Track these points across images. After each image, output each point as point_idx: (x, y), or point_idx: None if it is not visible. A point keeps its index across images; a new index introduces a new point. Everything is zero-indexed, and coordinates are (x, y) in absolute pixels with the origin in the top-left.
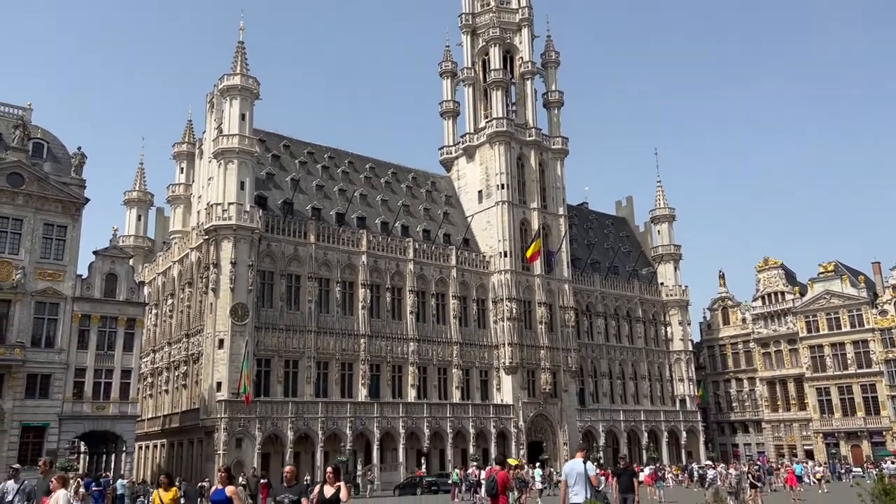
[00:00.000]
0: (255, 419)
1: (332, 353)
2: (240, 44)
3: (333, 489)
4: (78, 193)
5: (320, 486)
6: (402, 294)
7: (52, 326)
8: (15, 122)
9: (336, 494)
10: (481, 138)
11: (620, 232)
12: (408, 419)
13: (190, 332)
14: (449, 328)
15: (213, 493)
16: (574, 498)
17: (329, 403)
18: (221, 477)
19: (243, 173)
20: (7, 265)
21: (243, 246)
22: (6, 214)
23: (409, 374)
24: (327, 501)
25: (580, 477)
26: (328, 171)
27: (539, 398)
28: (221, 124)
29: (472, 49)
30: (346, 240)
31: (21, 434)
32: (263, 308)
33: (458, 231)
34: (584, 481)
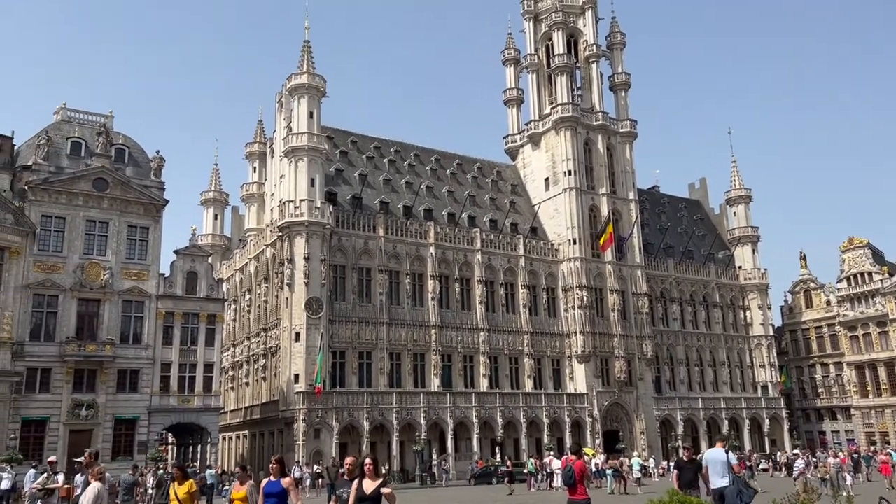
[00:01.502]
0: (332, 410)
1: (403, 344)
2: (306, 43)
3: (375, 484)
4: (158, 195)
5: (358, 480)
6: (471, 284)
7: (139, 324)
8: (98, 130)
9: (377, 491)
10: (546, 125)
11: (694, 215)
12: (481, 409)
13: (267, 326)
14: (519, 317)
15: (265, 485)
16: (719, 483)
17: (403, 394)
18: (274, 469)
19: (313, 170)
20: (96, 266)
21: (315, 241)
22: (93, 218)
23: (480, 364)
24: (367, 499)
25: (723, 465)
26: (395, 165)
27: (613, 387)
28: (291, 123)
29: (535, 35)
30: (414, 232)
31: (114, 426)
32: (336, 301)
33: (525, 220)
34: (727, 469)
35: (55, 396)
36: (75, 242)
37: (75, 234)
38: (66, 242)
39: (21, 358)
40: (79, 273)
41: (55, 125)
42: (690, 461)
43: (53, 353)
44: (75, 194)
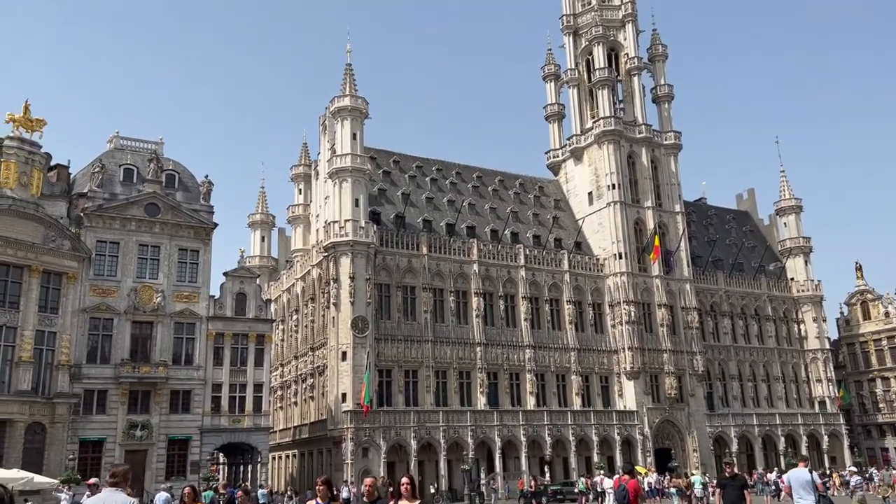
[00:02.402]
0: (379, 429)
1: (449, 362)
2: (348, 66)
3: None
4: (207, 219)
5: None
6: (516, 301)
7: (190, 345)
8: (149, 156)
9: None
10: (589, 139)
11: (743, 227)
12: (528, 427)
13: (315, 346)
14: (565, 334)
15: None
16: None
17: (449, 412)
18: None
19: (357, 191)
20: (149, 289)
21: (360, 260)
22: (145, 242)
23: (526, 382)
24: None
25: (808, 484)
26: (437, 184)
27: (664, 403)
28: (334, 145)
29: (575, 50)
30: (458, 249)
31: (168, 447)
32: (382, 320)
33: (569, 235)
34: (811, 488)
35: (111, 417)
36: (129, 266)
37: (129, 258)
38: (119, 267)
39: (78, 380)
40: (132, 296)
41: (109, 153)
42: (733, 478)
43: (109, 374)
44: (128, 220)
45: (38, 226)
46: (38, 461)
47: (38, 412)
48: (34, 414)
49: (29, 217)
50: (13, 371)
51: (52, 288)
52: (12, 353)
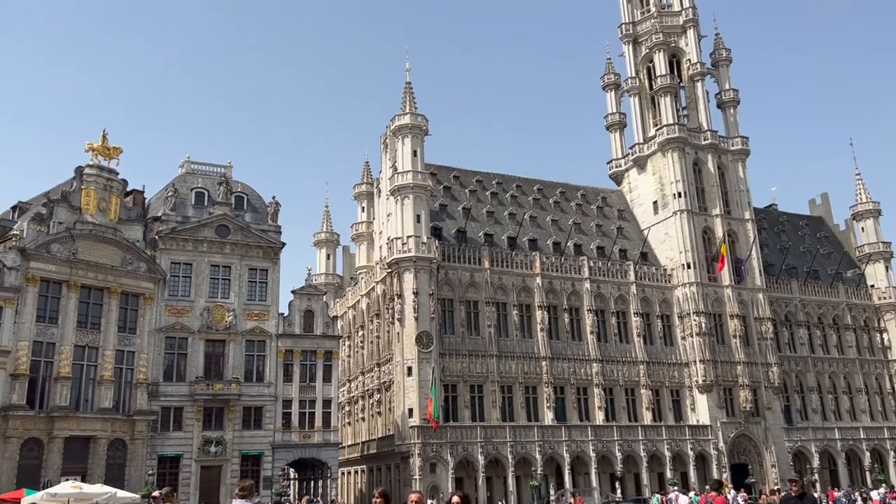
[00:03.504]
0: (446, 444)
1: (514, 376)
2: (407, 84)
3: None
4: (275, 239)
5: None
6: (581, 314)
7: (261, 362)
8: (219, 180)
9: None
10: (652, 147)
11: (817, 232)
12: (597, 442)
13: (380, 362)
14: (633, 347)
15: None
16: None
17: (516, 427)
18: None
19: (418, 207)
20: (221, 309)
21: (423, 276)
22: (217, 263)
23: (594, 396)
24: None
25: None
26: (497, 197)
27: (739, 417)
28: (395, 163)
29: (635, 58)
30: (520, 263)
31: (241, 462)
32: (446, 335)
33: (634, 245)
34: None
35: (187, 434)
36: (201, 287)
37: (201, 278)
38: (193, 287)
39: (156, 398)
40: (205, 315)
41: (181, 177)
42: (800, 497)
43: (184, 392)
44: (200, 241)
45: (116, 249)
46: (119, 476)
47: (119, 429)
48: (115, 431)
49: (108, 241)
50: (96, 389)
51: (130, 309)
52: (95, 373)
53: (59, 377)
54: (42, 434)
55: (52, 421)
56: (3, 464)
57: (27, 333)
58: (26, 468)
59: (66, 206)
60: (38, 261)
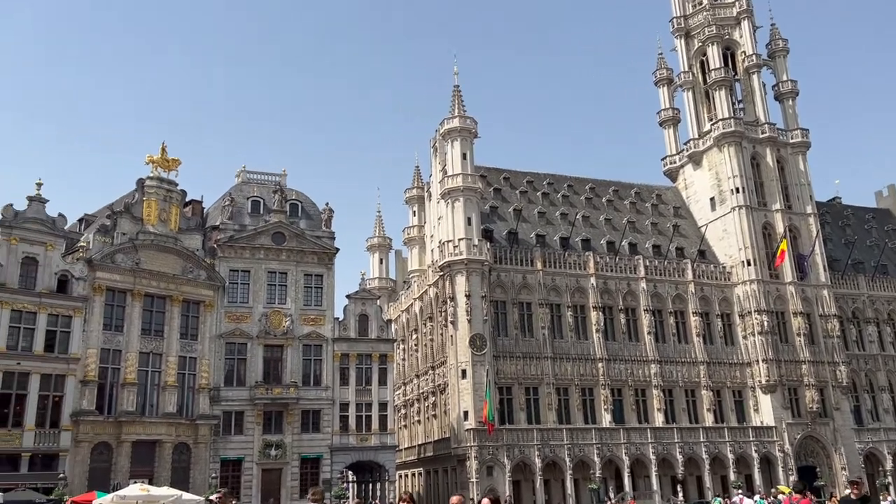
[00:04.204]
0: (502, 447)
1: (570, 378)
2: (455, 87)
3: None
4: (329, 245)
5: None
6: (637, 314)
7: (318, 366)
8: (274, 188)
9: None
10: (707, 142)
11: (885, 225)
12: (657, 445)
13: (435, 364)
14: (692, 347)
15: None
16: None
17: (573, 430)
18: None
19: (469, 209)
20: (278, 314)
21: (475, 278)
22: (273, 269)
23: (653, 398)
24: None
25: None
26: (548, 198)
27: (806, 418)
28: (445, 166)
29: (688, 52)
30: (573, 263)
31: (300, 465)
32: (499, 337)
33: (691, 243)
34: None
35: (248, 437)
36: (259, 293)
37: (259, 285)
38: (251, 293)
39: (217, 402)
40: (263, 321)
41: (237, 187)
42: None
43: (244, 396)
44: (257, 249)
45: (177, 258)
46: (184, 479)
47: (183, 433)
48: (180, 435)
49: (169, 250)
50: (160, 394)
51: (191, 316)
52: (159, 378)
53: (125, 383)
54: (111, 438)
55: (120, 425)
56: (76, 467)
57: (95, 341)
58: (97, 471)
59: (128, 218)
60: (103, 271)
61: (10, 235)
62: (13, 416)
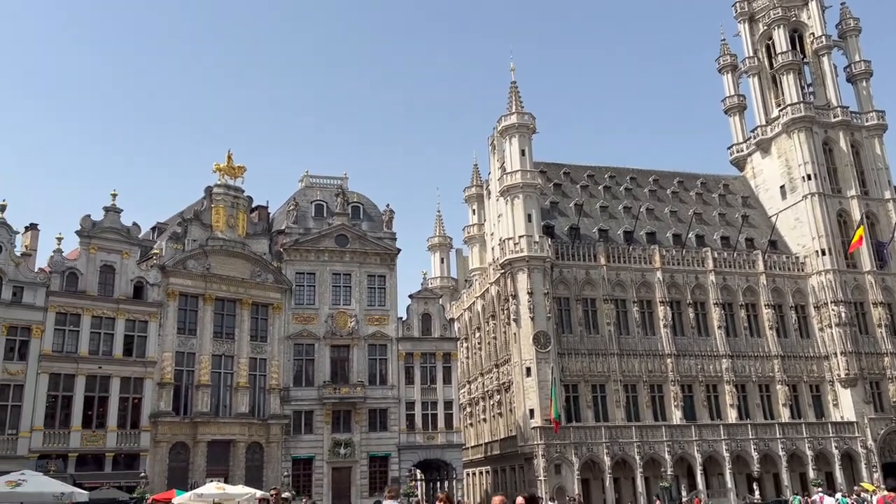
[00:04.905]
0: (570, 445)
1: (637, 375)
2: (512, 84)
3: None
4: (391, 245)
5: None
6: (706, 308)
7: (383, 365)
8: (336, 191)
9: None
10: (776, 129)
11: None
12: (731, 442)
13: (499, 363)
14: (765, 341)
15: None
16: None
17: (642, 427)
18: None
19: (529, 206)
20: (343, 315)
21: (537, 275)
22: (338, 271)
23: (725, 394)
24: None
25: None
26: (610, 191)
27: (890, 413)
28: (504, 163)
29: (752, 36)
30: (638, 258)
31: (369, 463)
32: (564, 334)
33: (761, 233)
34: None
35: (317, 436)
36: (325, 294)
37: (324, 287)
38: (317, 295)
39: (287, 402)
40: (329, 322)
41: (301, 191)
42: None
43: (313, 396)
44: (321, 251)
45: (245, 262)
46: (257, 478)
47: (256, 433)
48: (252, 434)
49: (237, 255)
50: (233, 395)
51: (260, 318)
52: (231, 380)
53: (199, 385)
54: (187, 438)
55: (196, 426)
56: (155, 466)
57: (170, 344)
58: (175, 470)
59: (198, 225)
60: (176, 276)
61: (89, 245)
62: (97, 417)
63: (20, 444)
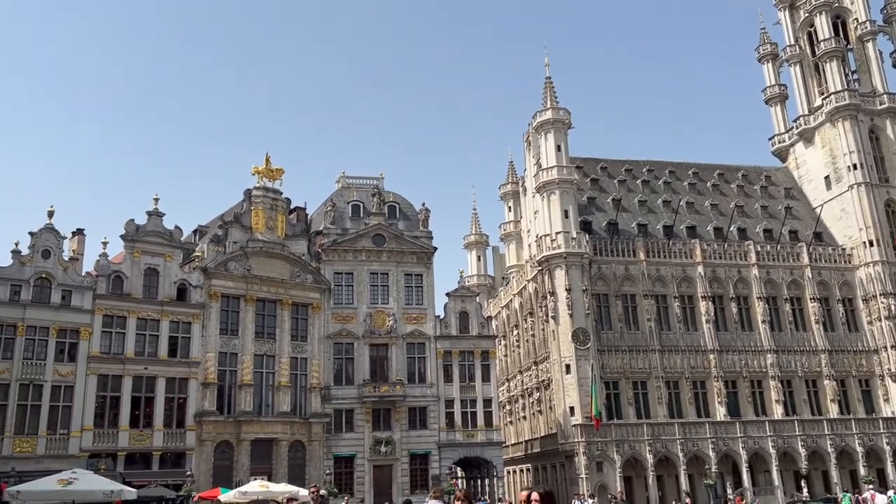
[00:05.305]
0: (611, 442)
1: (680, 371)
2: (547, 79)
3: None
4: (427, 244)
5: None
6: (750, 302)
7: (422, 364)
8: (372, 192)
9: None
10: (819, 118)
11: None
12: (777, 438)
13: (537, 360)
14: (811, 335)
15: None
16: None
17: (685, 424)
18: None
19: (565, 202)
20: (382, 314)
21: (575, 272)
22: (375, 270)
23: (770, 389)
24: None
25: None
26: (649, 185)
27: None
28: (539, 159)
29: (793, 24)
30: (678, 252)
31: (410, 461)
32: (603, 331)
33: (805, 225)
34: None
35: (358, 434)
36: (363, 294)
37: (362, 286)
38: (355, 295)
39: (328, 401)
40: (368, 321)
41: (337, 192)
42: None
43: (353, 395)
44: (359, 251)
45: (284, 263)
46: (300, 476)
47: (298, 431)
48: (294, 433)
49: (277, 256)
50: (275, 394)
51: (300, 318)
52: (273, 379)
53: (242, 384)
54: (231, 437)
55: (239, 425)
56: (201, 465)
57: (213, 345)
58: (220, 468)
59: (238, 227)
60: (218, 278)
61: (133, 249)
62: (143, 417)
63: (71, 443)
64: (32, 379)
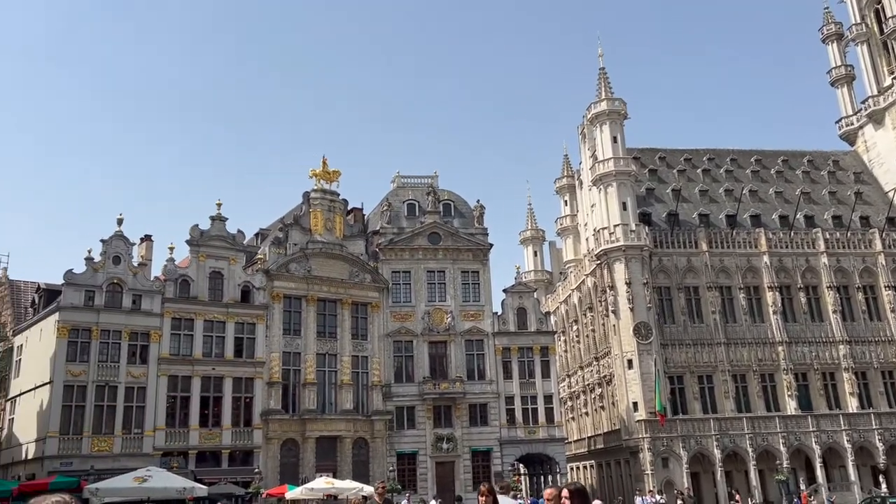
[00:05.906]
0: (677, 438)
1: (747, 364)
2: (601, 70)
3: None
4: (483, 241)
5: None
6: (819, 292)
7: (481, 360)
8: (427, 190)
9: None
10: (889, 98)
11: None
12: (852, 432)
13: (598, 355)
14: (886, 324)
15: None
16: None
17: (754, 418)
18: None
19: (623, 194)
20: (440, 312)
21: (635, 265)
22: (432, 268)
23: (844, 381)
24: None
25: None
26: (710, 174)
27: None
28: (595, 152)
29: (859, 2)
30: (742, 242)
31: (472, 458)
32: (666, 324)
33: (877, 210)
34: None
35: (420, 431)
36: (420, 292)
37: (419, 284)
38: (413, 293)
39: (389, 398)
40: (426, 319)
41: (393, 192)
42: None
43: (414, 392)
44: (415, 250)
45: (343, 264)
46: (364, 472)
47: (361, 429)
48: (357, 430)
49: (336, 257)
50: (337, 393)
51: (360, 317)
52: (335, 377)
53: (306, 383)
54: (296, 435)
55: (304, 423)
56: (268, 462)
57: (277, 345)
58: (286, 466)
59: (298, 229)
60: (280, 280)
61: (199, 253)
62: (212, 416)
63: (145, 442)
64: (107, 381)
